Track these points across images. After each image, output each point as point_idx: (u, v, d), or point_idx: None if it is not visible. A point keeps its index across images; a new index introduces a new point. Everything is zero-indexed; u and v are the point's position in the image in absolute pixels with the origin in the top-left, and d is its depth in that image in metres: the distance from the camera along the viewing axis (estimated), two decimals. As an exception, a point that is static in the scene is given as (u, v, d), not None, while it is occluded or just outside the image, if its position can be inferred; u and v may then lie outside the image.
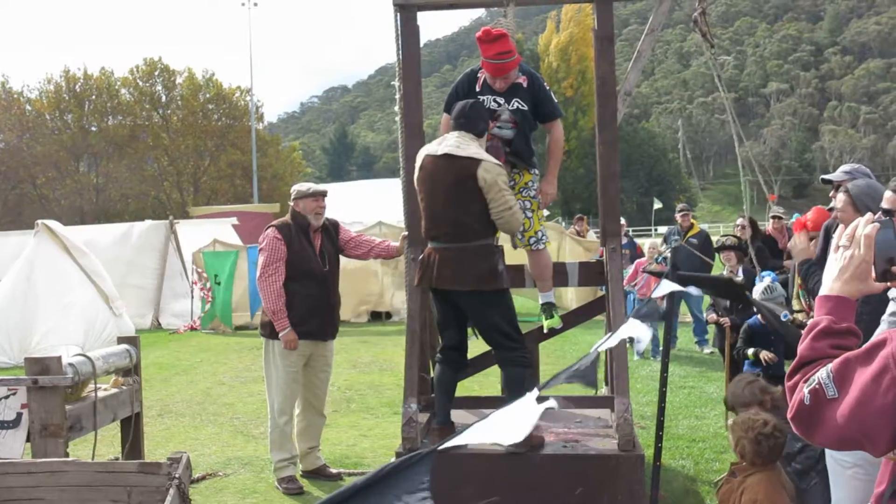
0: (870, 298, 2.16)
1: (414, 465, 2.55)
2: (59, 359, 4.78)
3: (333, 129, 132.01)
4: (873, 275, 2.08)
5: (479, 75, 5.73)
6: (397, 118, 6.56)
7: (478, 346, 5.62)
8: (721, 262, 9.10)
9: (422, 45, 6.64)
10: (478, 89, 5.69)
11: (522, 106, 5.66)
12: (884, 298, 3.78)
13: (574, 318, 6.63)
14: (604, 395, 6.51)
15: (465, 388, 7.00)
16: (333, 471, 6.69)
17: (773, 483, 4.07)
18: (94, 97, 57.48)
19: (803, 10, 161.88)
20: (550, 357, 10.98)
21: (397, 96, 6.43)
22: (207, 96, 59.38)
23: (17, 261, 13.79)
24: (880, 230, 2.05)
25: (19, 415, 4.73)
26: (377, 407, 9.28)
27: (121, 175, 57.57)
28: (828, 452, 3.98)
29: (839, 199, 4.75)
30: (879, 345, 1.89)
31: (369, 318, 17.62)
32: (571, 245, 17.15)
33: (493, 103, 5.62)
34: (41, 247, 13.60)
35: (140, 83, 59.01)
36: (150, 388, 10.30)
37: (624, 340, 5.53)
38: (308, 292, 6.38)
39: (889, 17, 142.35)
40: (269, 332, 6.46)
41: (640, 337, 4.14)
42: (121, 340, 5.77)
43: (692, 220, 12.95)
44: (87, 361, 4.97)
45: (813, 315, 2.14)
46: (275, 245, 6.39)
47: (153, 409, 9.24)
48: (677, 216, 12.84)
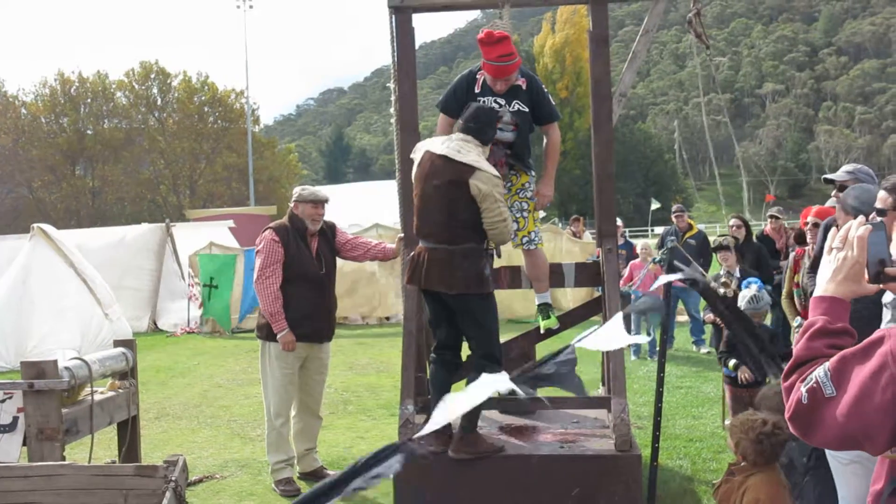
0: (861, 298, 2.17)
1: (385, 458, 2.56)
2: (55, 362, 4.78)
3: (330, 132, 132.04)
4: (866, 276, 2.08)
5: (477, 77, 5.73)
6: (393, 120, 6.56)
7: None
8: (718, 263, 9.10)
9: (417, 46, 6.64)
10: (477, 90, 5.69)
11: (523, 108, 5.66)
12: (875, 300, 3.78)
13: (570, 319, 6.63)
14: (601, 396, 6.51)
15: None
16: (330, 472, 6.65)
17: (774, 483, 4.07)
18: (89, 100, 57.43)
19: (798, 11, 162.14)
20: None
21: (393, 98, 6.43)
22: (203, 99, 59.36)
23: (12, 265, 13.77)
24: (872, 232, 2.06)
25: (15, 419, 4.73)
26: (374, 409, 9.27)
27: (117, 178, 57.55)
28: (827, 451, 3.97)
29: (834, 202, 4.77)
30: (877, 342, 1.89)
31: (378, 321, 17.58)
32: (568, 246, 17.15)
33: (493, 105, 5.62)
34: (36, 251, 13.57)
35: (136, 86, 58.98)
36: (147, 391, 10.28)
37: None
38: (304, 295, 6.38)
39: (884, 17, 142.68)
40: (266, 334, 6.45)
41: (619, 341, 4.11)
42: (117, 344, 5.77)
43: (689, 221, 12.94)
44: (84, 365, 4.98)
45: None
46: (272, 247, 6.38)
47: (150, 412, 9.23)
48: (673, 217, 12.84)
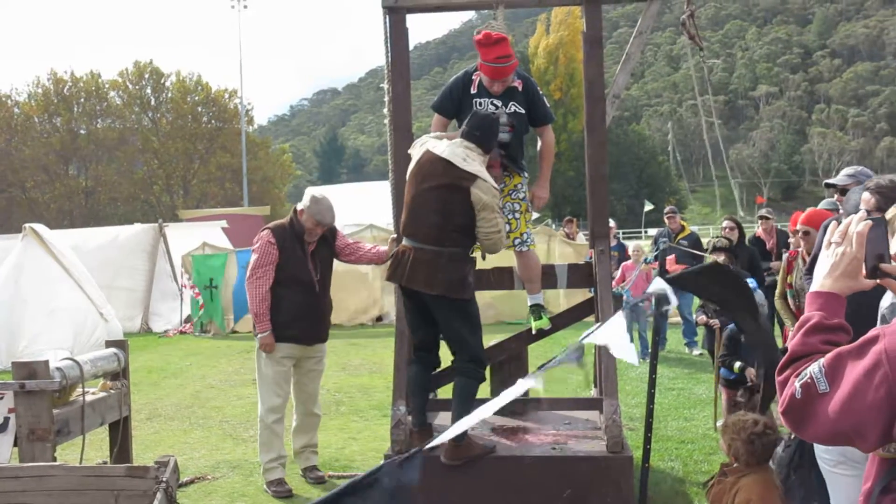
0: (862, 298, 2.18)
1: (401, 468, 2.57)
2: (46, 363, 4.76)
3: (324, 132, 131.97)
4: (864, 272, 2.09)
5: (473, 77, 5.72)
6: (386, 121, 6.56)
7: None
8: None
9: (412, 47, 6.65)
10: (473, 91, 5.69)
11: (519, 109, 5.66)
12: (870, 294, 3.79)
13: (562, 320, 6.63)
14: (593, 397, 6.51)
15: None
16: (321, 473, 6.67)
17: (766, 484, 4.08)
18: (82, 100, 57.33)
19: (792, 14, 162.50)
20: (540, 359, 10.95)
21: (386, 98, 6.43)
22: (197, 99, 59.31)
23: (4, 265, 13.73)
24: (872, 228, 2.07)
25: (6, 419, 4.71)
26: (366, 409, 9.27)
27: (110, 178, 57.51)
28: (816, 454, 3.99)
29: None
30: (872, 340, 1.90)
31: (371, 322, 17.58)
32: (561, 247, 17.17)
33: (490, 106, 5.62)
34: (28, 251, 13.53)
35: (129, 86, 58.90)
36: (139, 392, 10.27)
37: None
38: (295, 298, 6.39)
39: (877, 20, 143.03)
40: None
41: (620, 341, 4.15)
42: (109, 344, 5.75)
43: (682, 223, 12.96)
44: (75, 365, 4.96)
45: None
46: (267, 249, 6.41)
47: (142, 413, 9.21)
48: (665, 219, 12.86)
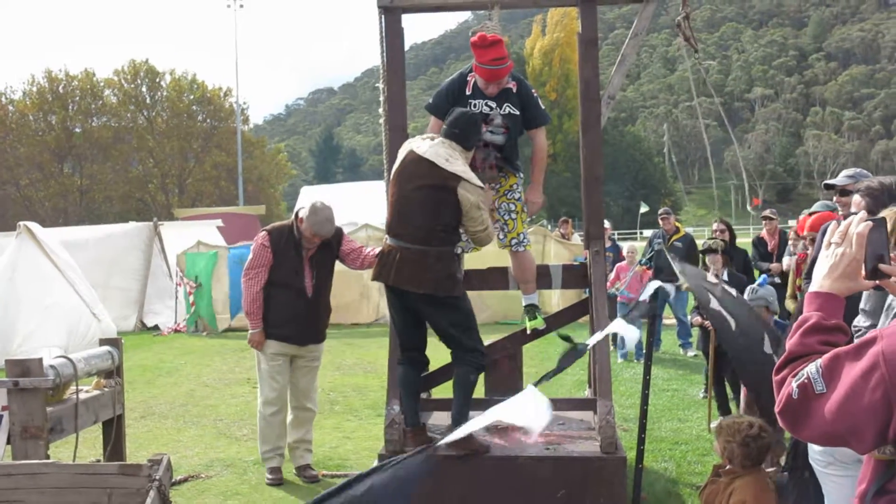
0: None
1: (401, 469, 2.56)
2: (40, 361, 4.75)
3: (319, 132, 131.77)
4: (863, 272, 2.09)
5: (468, 79, 5.73)
6: (382, 120, 6.56)
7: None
8: (706, 266, 9.12)
9: (408, 47, 6.64)
10: (468, 93, 5.69)
11: (514, 110, 5.67)
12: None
13: (557, 321, 6.63)
14: (587, 398, 6.52)
15: (449, 390, 6.98)
16: (314, 472, 6.70)
17: (760, 485, 4.09)
18: (77, 98, 57.23)
19: (788, 17, 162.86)
20: (535, 359, 10.99)
21: (381, 98, 6.43)
22: (192, 98, 59.24)
23: (-2, 263, 13.72)
24: (873, 229, 2.07)
25: (0, 417, 4.70)
26: (361, 409, 9.27)
27: (105, 177, 57.43)
28: (810, 455, 4.00)
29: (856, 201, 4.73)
30: (869, 342, 1.90)
31: (366, 322, 17.56)
32: (556, 248, 17.16)
33: (485, 107, 5.63)
34: (23, 249, 13.51)
35: (125, 85, 58.80)
36: (134, 390, 10.26)
37: (607, 343, 5.58)
38: (287, 301, 6.48)
39: (872, 23, 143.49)
40: None
41: (628, 336, 4.20)
42: (103, 342, 5.74)
43: (677, 224, 12.97)
44: (69, 363, 4.95)
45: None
46: (261, 251, 6.51)
47: (136, 411, 9.20)
48: (659, 220, 12.88)
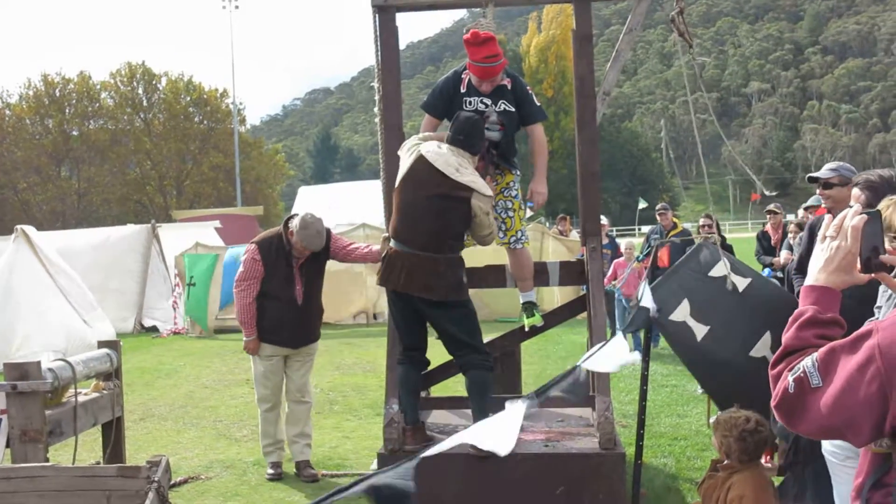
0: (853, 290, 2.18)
1: (398, 471, 2.57)
2: (38, 364, 4.76)
3: (317, 132, 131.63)
4: (858, 266, 2.09)
5: (462, 77, 5.74)
6: (377, 119, 6.56)
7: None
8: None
9: (404, 46, 6.68)
10: (463, 90, 5.70)
11: (509, 107, 5.68)
12: (866, 292, 3.80)
13: (555, 318, 6.64)
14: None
15: (449, 388, 7.01)
16: (314, 471, 6.75)
17: (758, 479, 4.09)
18: (74, 101, 57.10)
19: (783, 10, 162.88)
20: (533, 357, 11.00)
21: (377, 97, 6.43)
22: (189, 99, 59.13)
23: (-4, 266, 13.70)
24: (868, 222, 2.07)
25: (-1, 420, 4.71)
26: (360, 408, 9.27)
27: (103, 179, 57.29)
28: (823, 448, 3.99)
29: (856, 195, 4.74)
30: (865, 335, 1.90)
31: (366, 321, 17.57)
32: (554, 245, 17.16)
33: (480, 105, 5.64)
34: (19, 253, 13.49)
35: (121, 87, 58.68)
36: (133, 393, 10.26)
37: (605, 339, 5.58)
38: (279, 309, 6.62)
39: (868, 16, 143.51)
40: None
41: (626, 360, 4.22)
42: (101, 345, 5.75)
43: (675, 220, 12.97)
44: (67, 366, 4.95)
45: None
46: (252, 265, 6.66)
47: (135, 414, 9.20)
48: (657, 216, 12.88)
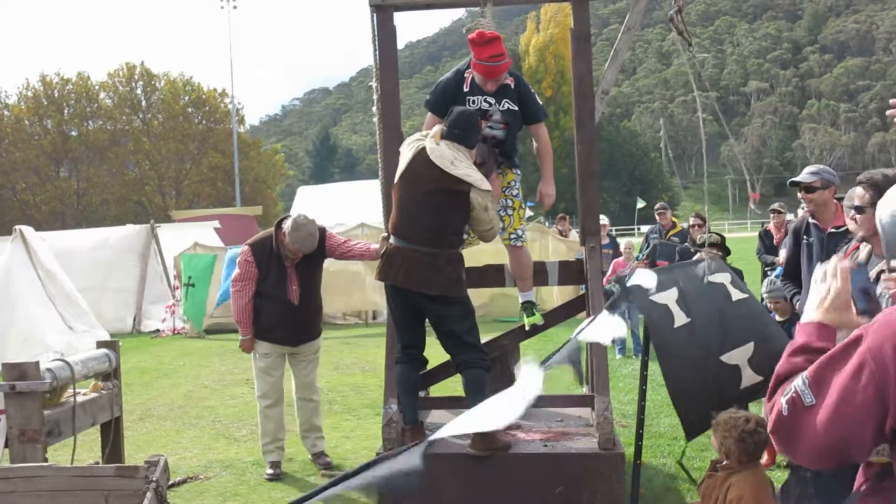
0: None
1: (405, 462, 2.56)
2: (37, 364, 4.75)
3: (315, 132, 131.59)
4: (854, 309, 2.09)
5: (465, 76, 5.74)
6: (375, 119, 6.55)
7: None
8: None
9: (402, 46, 6.68)
10: (466, 89, 5.71)
11: (512, 106, 5.70)
12: None
13: (554, 317, 6.63)
14: (584, 394, 6.52)
15: (448, 387, 7.00)
16: (328, 459, 6.93)
17: (758, 480, 4.09)
18: (73, 102, 57.10)
19: (782, 9, 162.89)
20: (532, 356, 10.98)
21: (375, 97, 6.43)
22: (188, 100, 59.13)
23: (-5, 267, 13.69)
24: (855, 270, 2.08)
25: (-3, 420, 4.70)
26: (359, 408, 9.26)
27: (102, 180, 57.32)
28: None
29: (860, 194, 4.73)
30: (855, 342, 1.87)
31: (360, 320, 17.57)
32: (554, 244, 17.15)
33: (484, 103, 5.66)
34: (18, 253, 13.48)
35: (120, 87, 58.68)
36: (132, 393, 10.25)
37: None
38: (274, 309, 6.70)
39: (867, 15, 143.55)
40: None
41: (614, 331, 4.24)
42: (100, 345, 5.74)
43: (674, 219, 12.97)
44: (66, 366, 4.95)
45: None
46: (245, 266, 6.74)
47: (134, 414, 9.20)
48: (656, 215, 12.88)
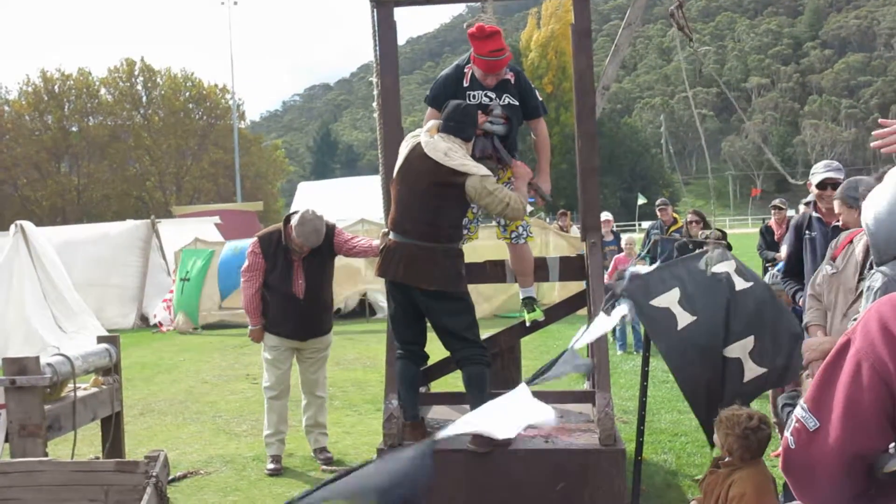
0: None
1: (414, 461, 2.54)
2: (37, 359, 4.76)
3: (316, 128, 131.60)
4: None
5: (465, 70, 5.73)
6: (376, 114, 6.54)
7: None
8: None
9: (403, 42, 6.68)
10: (466, 84, 5.69)
11: (513, 101, 5.68)
12: None
13: (555, 313, 6.62)
14: (585, 390, 6.52)
15: (448, 384, 7.00)
16: (329, 454, 6.97)
17: (759, 477, 4.07)
18: (73, 97, 57.11)
19: (783, 5, 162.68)
20: (533, 353, 10.98)
21: (375, 92, 6.41)
22: (188, 96, 59.13)
23: (-4, 263, 13.69)
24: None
25: (-3, 415, 4.70)
26: (360, 404, 9.27)
27: (102, 175, 57.36)
28: None
29: (837, 204, 4.76)
30: (843, 349, 1.83)
31: (365, 317, 17.59)
32: (556, 240, 17.16)
33: (484, 98, 5.64)
34: (19, 248, 13.48)
35: (120, 83, 58.68)
36: (133, 388, 10.25)
37: (605, 335, 5.58)
38: (280, 302, 6.76)
39: (868, 10, 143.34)
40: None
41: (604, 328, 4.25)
42: (101, 340, 5.74)
43: (675, 215, 12.96)
44: (66, 361, 4.95)
45: None
46: (253, 258, 6.81)
47: (135, 409, 9.20)
48: (657, 211, 12.88)
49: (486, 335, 6.01)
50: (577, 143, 6.22)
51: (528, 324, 6.19)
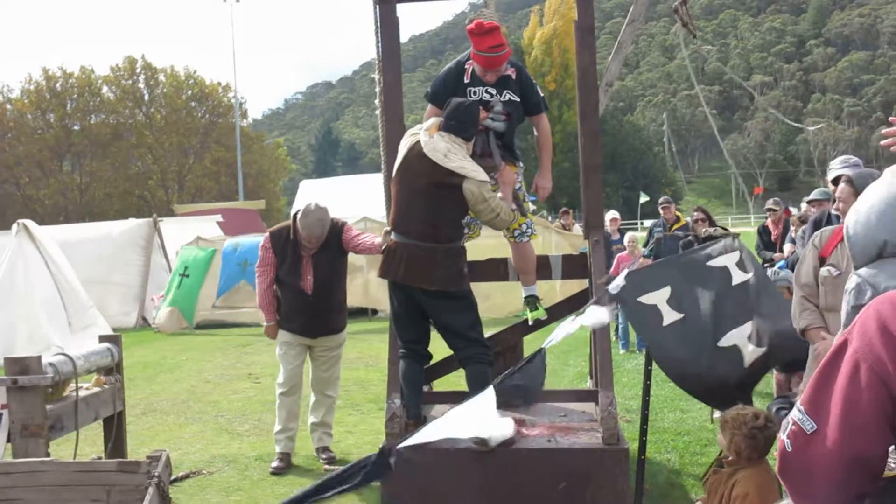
0: None
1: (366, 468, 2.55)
2: (39, 358, 4.74)
3: (318, 126, 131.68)
4: None
5: (466, 67, 5.72)
6: (378, 112, 6.53)
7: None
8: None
9: (406, 39, 6.67)
10: (466, 80, 5.68)
11: (514, 97, 5.68)
12: None
13: (558, 312, 6.60)
14: (588, 389, 6.50)
15: (451, 382, 6.99)
16: (332, 453, 6.96)
17: (763, 477, 4.05)
18: (75, 96, 57.17)
19: (786, 3, 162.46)
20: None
21: (377, 89, 6.40)
22: (190, 94, 59.18)
23: (-1, 262, 13.69)
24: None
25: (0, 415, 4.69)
26: (363, 403, 9.25)
27: (105, 174, 57.42)
28: None
29: (841, 189, 4.75)
30: (840, 350, 1.80)
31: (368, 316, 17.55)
32: (557, 239, 17.13)
33: (485, 94, 5.63)
34: (21, 247, 13.47)
35: (122, 81, 58.72)
36: (135, 387, 10.24)
37: (608, 334, 5.57)
38: (290, 298, 6.77)
39: (871, 8, 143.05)
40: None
41: (599, 321, 4.23)
42: (102, 339, 5.73)
43: (677, 213, 12.94)
44: (68, 360, 4.94)
45: None
46: (264, 253, 6.85)
47: (137, 408, 9.18)
48: (659, 209, 12.87)
49: (488, 334, 5.99)
50: (580, 141, 6.20)
51: (530, 322, 6.17)
